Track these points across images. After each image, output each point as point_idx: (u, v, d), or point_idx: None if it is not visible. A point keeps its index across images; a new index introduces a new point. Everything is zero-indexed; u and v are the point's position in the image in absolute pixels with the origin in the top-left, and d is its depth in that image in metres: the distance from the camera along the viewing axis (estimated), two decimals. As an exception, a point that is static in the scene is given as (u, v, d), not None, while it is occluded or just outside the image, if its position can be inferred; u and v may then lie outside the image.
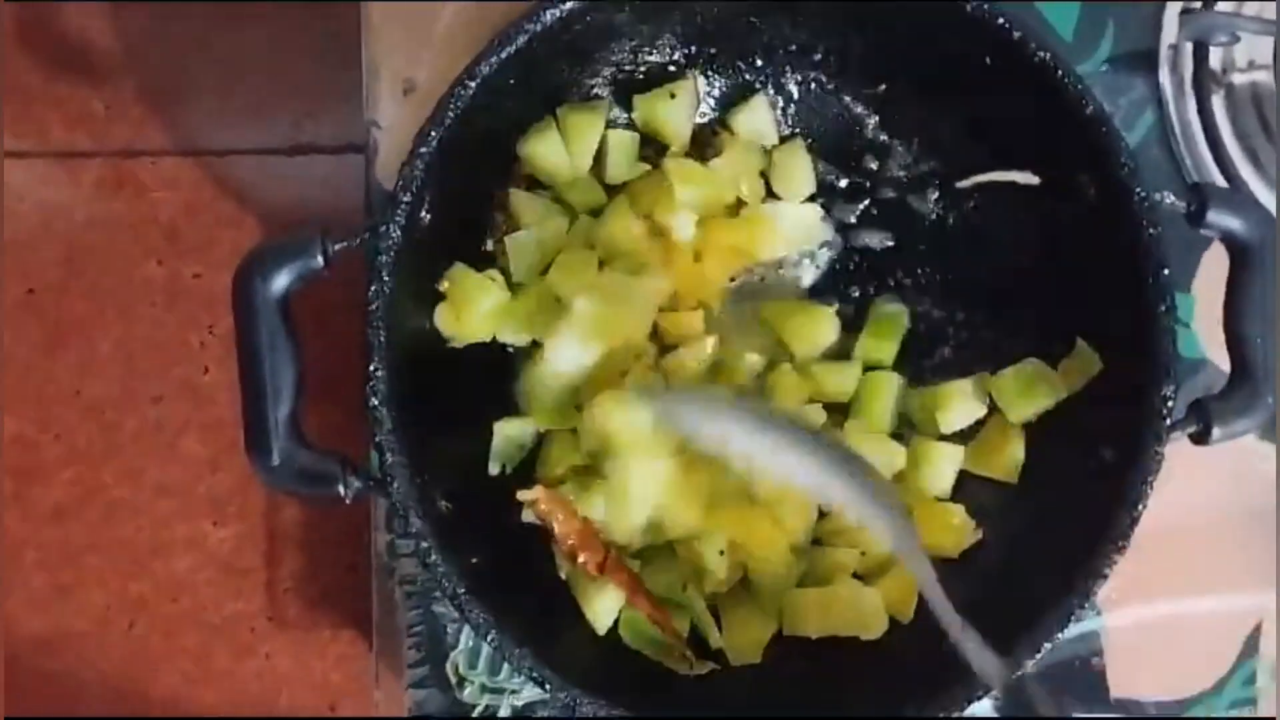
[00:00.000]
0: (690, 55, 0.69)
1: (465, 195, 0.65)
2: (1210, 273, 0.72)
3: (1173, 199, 0.61)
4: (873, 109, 0.70)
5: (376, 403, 0.59)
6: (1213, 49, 0.73)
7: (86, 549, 1.29)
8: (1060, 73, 0.61)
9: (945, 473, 0.67)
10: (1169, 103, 0.74)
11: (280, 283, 0.58)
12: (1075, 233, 0.65)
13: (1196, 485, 0.72)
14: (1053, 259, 0.67)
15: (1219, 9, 0.73)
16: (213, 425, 1.29)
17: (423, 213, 0.61)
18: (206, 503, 1.29)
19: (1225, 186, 0.72)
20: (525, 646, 0.59)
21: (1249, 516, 0.74)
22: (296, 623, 1.29)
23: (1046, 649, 0.59)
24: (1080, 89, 0.61)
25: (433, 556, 0.59)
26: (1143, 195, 0.60)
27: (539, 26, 0.61)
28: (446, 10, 0.73)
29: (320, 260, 0.59)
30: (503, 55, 0.60)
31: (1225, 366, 0.62)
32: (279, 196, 1.32)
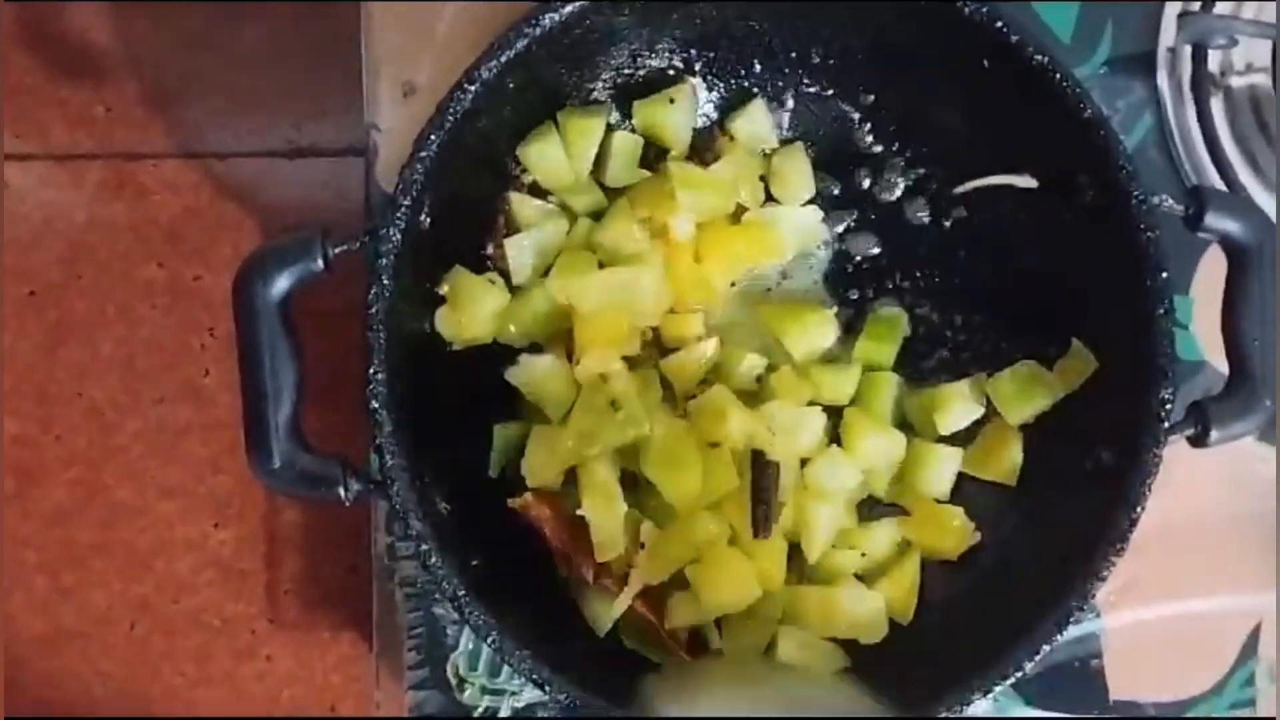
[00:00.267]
0: (689, 59, 0.69)
1: (465, 198, 0.65)
2: (1208, 275, 0.72)
3: (1171, 202, 0.61)
4: (870, 113, 0.70)
5: (376, 405, 0.59)
6: (1211, 52, 0.73)
7: (87, 550, 1.29)
8: (1058, 75, 0.61)
9: (944, 475, 0.67)
10: (1167, 106, 0.74)
11: (280, 285, 0.58)
12: (1073, 236, 0.65)
13: (1195, 487, 0.72)
14: (1051, 262, 0.67)
15: (1217, 12, 0.73)
16: (213, 427, 1.29)
17: (422, 215, 0.61)
18: (207, 504, 1.30)
19: (1223, 189, 0.72)
20: (525, 648, 0.59)
21: (1248, 518, 0.74)
22: (297, 624, 1.29)
23: (1045, 651, 0.59)
24: (1078, 92, 0.61)
25: (433, 558, 0.59)
26: (1141, 198, 0.60)
27: (539, 30, 0.61)
28: (447, 13, 0.73)
29: (320, 263, 0.59)
30: (503, 59, 0.61)
31: (1223, 369, 0.62)
32: (279, 199, 1.32)
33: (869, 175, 0.71)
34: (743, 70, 0.69)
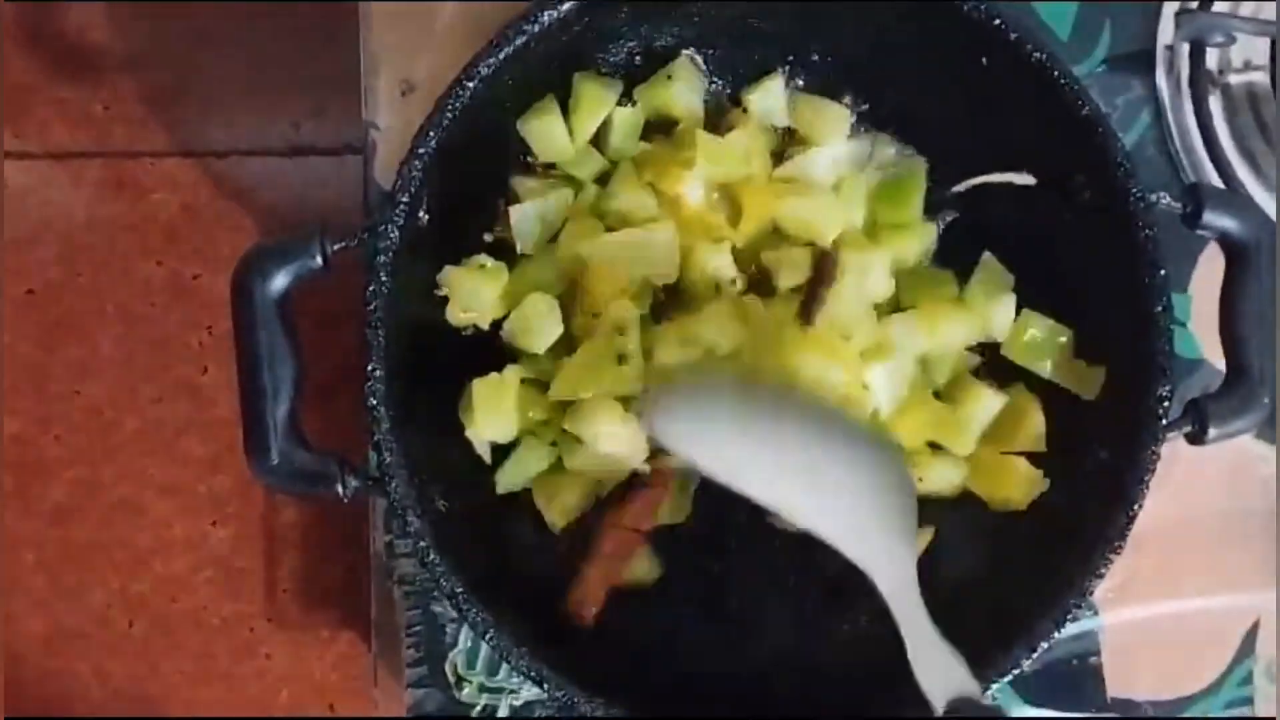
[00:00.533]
0: (689, 57, 0.69)
1: (463, 195, 0.65)
2: (1206, 273, 0.72)
3: (1169, 199, 0.61)
4: (869, 111, 0.70)
5: (375, 402, 0.59)
6: (1209, 50, 0.73)
7: (86, 549, 1.29)
8: (1057, 73, 0.61)
9: (984, 413, 0.66)
10: (1165, 103, 0.74)
11: (279, 282, 0.58)
12: (1072, 233, 0.65)
13: (1193, 485, 0.72)
14: (1049, 260, 0.67)
15: (1215, 10, 0.74)
16: (212, 425, 1.29)
17: (421, 212, 0.61)
18: (206, 503, 1.30)
19: (1221, 187, 0.73)
20: (523, 645, 0.59)
21: (1246, 516, 0.74)
22: (295, 623, 1.29)
23: (1043, 648, 0.59)
24: (1077, 90, 0.61)
25: (431, 555, 0.59)
26: (1139, 196, 0.60)
27: (537, 27, 0.61)
28: (445, 11, 0.73)
29: (319, 260, 0.59)
30: (501, 56, 0.61)
31: (1221, 366, 0.62)
32: (278, 197, 1.32)
33: (867, 174, 0.71)
34: (742, 68, 0.69)
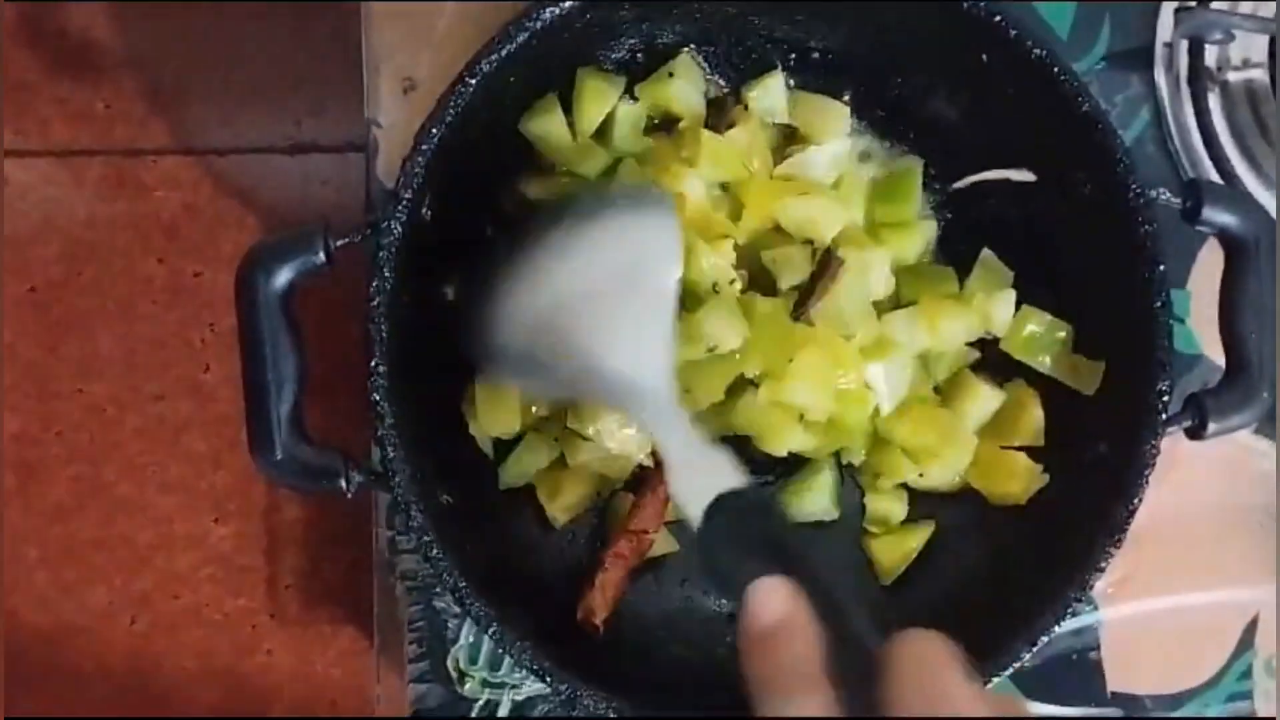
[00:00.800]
0: (690, 54, 0.69)
1: (466, 191, 0.65)
2: (1206, 268, 0.73)
3: (1168, 195, 0.61)
4: (868, 108, 0.70)
5: (378, 397, 0.59)
6: (1208, 47, 0.74)
7: (88, 546, 1.30)
8: (1056, 70, 0.61)
9: (982, 409, 0.67)
10: (1164, 100, 0.74)
11: (282, 278, 0.58)
12: (1071, 229, 0.65)
13: (1193, 480, 0.73)
14: (1049, 255, 0.67)
15: (1214, 7, 0.74)
16: (214, 423, 1.29)
17: (424, 209, 0.61)
18: (208, 500, 1.30)
19: (1220, 183, 0.73)
20: (526, 640, 0.59)
21: (1245, 511, 0.74)
22: (298, 619, 1.29)
23: (1043, 643, 0.59)
24: (1076, 86, 0.61)
25: (434, 550, 0.59)
26: (1138, 192, 0.60)
27: (539, 25, 0.61)
28: (447, 9, 0.73)
29: (322, 256, 0.59)
30: (503, 53, 0.61)
31: (1221, 361, 0.62)
32: (280, 195, 1.32)
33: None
34: (743, 65, 0.69)
